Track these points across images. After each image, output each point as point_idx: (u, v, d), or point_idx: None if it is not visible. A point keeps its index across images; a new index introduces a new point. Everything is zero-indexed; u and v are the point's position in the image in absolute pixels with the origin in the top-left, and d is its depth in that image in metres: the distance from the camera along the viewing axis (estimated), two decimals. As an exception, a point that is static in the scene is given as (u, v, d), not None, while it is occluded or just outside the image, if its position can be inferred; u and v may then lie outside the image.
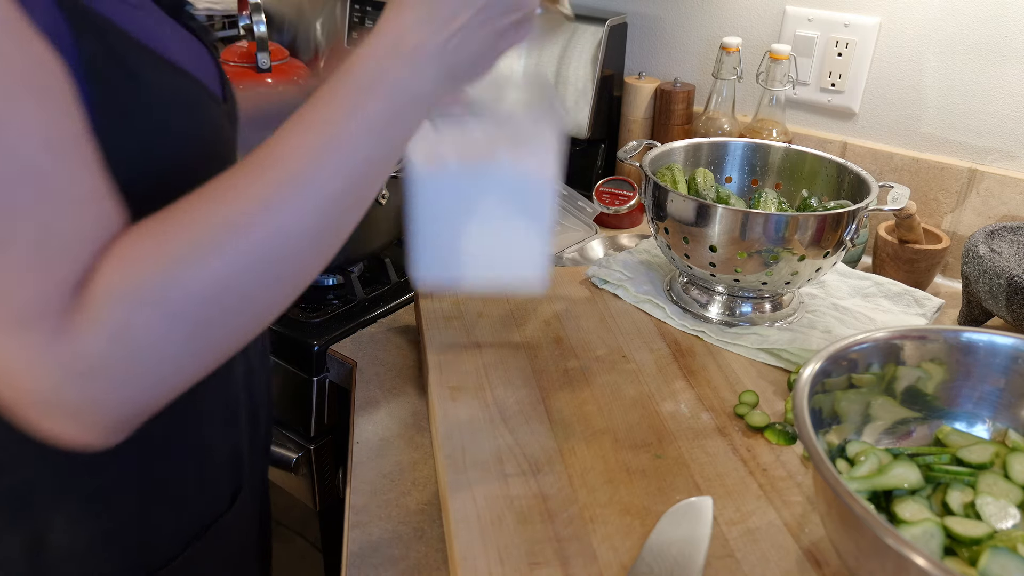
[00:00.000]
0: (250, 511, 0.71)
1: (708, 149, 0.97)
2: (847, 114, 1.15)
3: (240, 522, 0.68)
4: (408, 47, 0.48)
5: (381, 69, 0.47)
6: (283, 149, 0.45)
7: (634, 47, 1.32)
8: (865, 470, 0.56)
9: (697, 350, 0.83)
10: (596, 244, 1.15)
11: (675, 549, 0.57)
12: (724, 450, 0.68)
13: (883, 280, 0.97)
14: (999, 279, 0.82)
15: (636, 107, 1.26)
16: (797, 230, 0.78)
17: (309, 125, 0.46)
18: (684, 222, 0.82)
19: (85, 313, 0.40)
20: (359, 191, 0.47)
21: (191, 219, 0.43)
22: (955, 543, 0.51)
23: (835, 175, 0.91)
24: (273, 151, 0.45)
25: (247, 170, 0.45)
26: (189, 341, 0.42)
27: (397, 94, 0.47)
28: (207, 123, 0.55)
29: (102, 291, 0.40)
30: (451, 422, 0.70)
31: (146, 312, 0.40)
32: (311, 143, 0.45)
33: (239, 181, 0.44)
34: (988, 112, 1.04)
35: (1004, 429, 0.61)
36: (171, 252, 0.41)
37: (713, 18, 1.22)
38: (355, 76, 0.47)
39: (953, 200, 1.08)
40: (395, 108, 0.47)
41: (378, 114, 0.47)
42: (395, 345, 0.91)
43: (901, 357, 0.62)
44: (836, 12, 1.11)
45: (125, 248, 0.42)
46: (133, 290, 0.40)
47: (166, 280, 0.41)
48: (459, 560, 0.56)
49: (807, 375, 0.56)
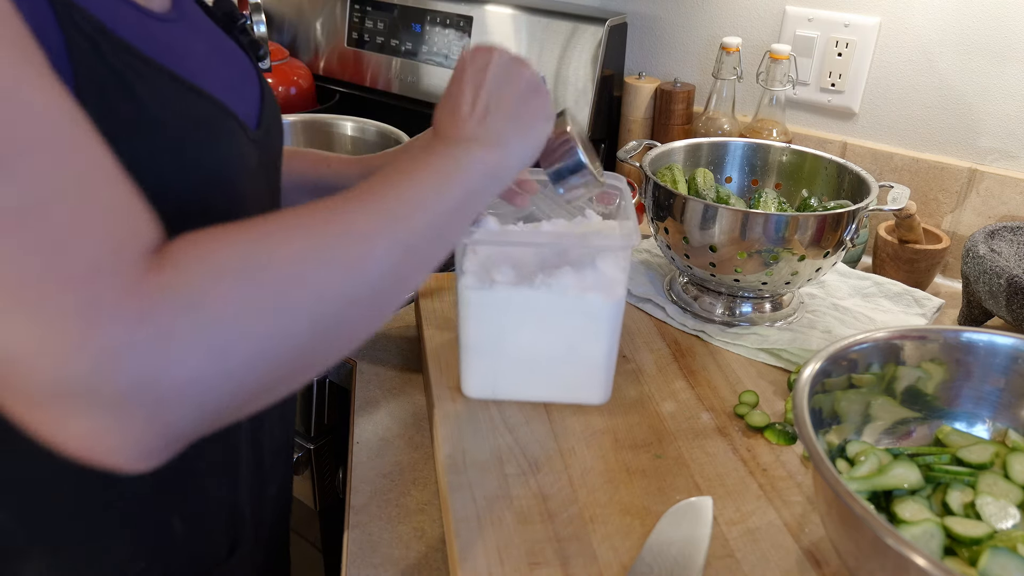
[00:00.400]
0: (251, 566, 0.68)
1: (708, 149, 0.97)
2: (847, 114, 1.15)
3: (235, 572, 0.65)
4: (451, 136, 0.53)
5: (443, 154, 0.51)
6: (382, 187, 0.47)
7: (634, 47, 1.32)
8: (865, 470, 0.56)
9: (697, 350, 0.83)
10: (596, 244, 1.15)
11: (675, 549, 0.57)
12: (724, 450, 0.68)
13: (883, 280, 0.97)
14: (999, 279, 0.82)
15: (636, 107, 1.26)
16: (797, 230, 0.78)
17: (399, 180, 0.48)
18: (684, 222, 0.82)
19: (161, 274, 0.35)
20: (447, 234, 0.50)
21: (283, 226, 0.42)
22: (955, 543, 0.51)
23: (835, 175, 0.91)
24: (369, 187, 0.47)
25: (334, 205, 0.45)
26: (265, 338, 0.38)
27: (467, 170, 0.51)
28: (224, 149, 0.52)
29: (182, 257, 0.37)
30: (451, 422, 0.70)
31: (229, 283, 0.37)
32: (407, 187, 0.47)
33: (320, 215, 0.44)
34: (988, 112, 1.04)
35: (1004, 429, 0.61)
36: (257, 234, 0.40)
37: (713, 18, 1.22)
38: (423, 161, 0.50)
39: (953, 200, 1.08)
40: (471, 185, 0.51)
41: (454, 193, 0.50)
42: (395, 345, 0.91)
43: (901, 357, 0.62)
44: (836, 12, 1.11)
45: (203, 234, 0.39)
46: (218, 260, 0.37)
47: (254, 252, 0.39)
48: (459, 560, 0.56)
49: (807, 375, 0.56)
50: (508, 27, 1.32)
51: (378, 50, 1.50)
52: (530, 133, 0.56)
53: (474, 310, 0.69)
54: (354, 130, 1.30)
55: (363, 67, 1.54)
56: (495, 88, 0.55)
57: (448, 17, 1.38)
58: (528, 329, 0.69)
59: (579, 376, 0.72)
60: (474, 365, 0.71)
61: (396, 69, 1.49)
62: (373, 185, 0.47)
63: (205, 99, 0.51)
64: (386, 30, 1.48)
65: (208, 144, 0.51)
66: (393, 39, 1.47)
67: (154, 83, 0.47)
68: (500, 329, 0.69)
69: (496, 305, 0.68)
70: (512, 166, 0.55)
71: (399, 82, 1.49)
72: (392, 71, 1.49)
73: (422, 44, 1.43)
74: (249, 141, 0.56)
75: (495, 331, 0.69)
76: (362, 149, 1.30)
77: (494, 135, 0.54)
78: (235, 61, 0.59)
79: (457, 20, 1.37)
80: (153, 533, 0.56)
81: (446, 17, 1.39)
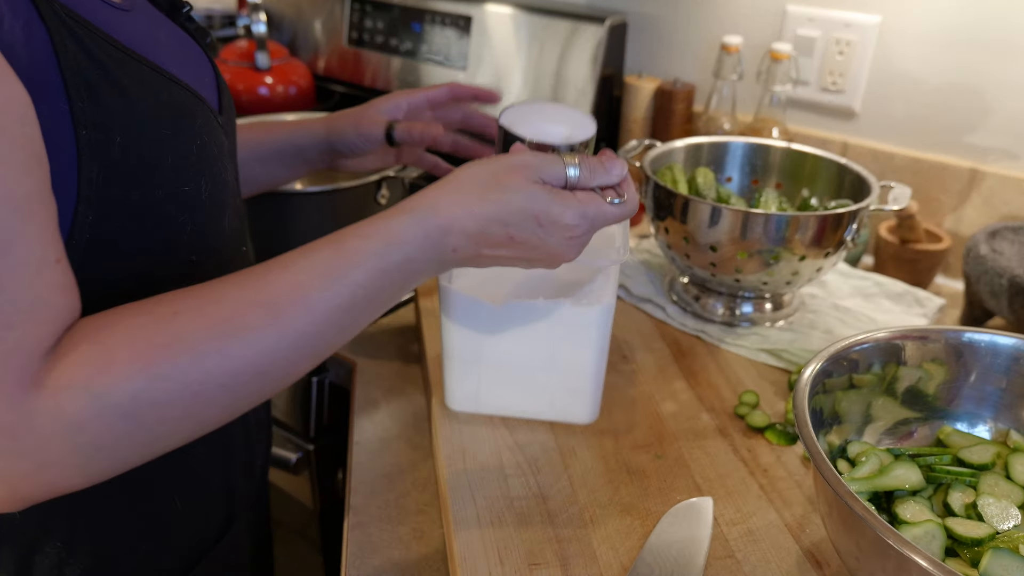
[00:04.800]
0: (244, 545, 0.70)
1: (708, 149, 0.97)
2: (848, 114, 1.15)
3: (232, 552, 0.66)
4: (445, 249, 0.50)
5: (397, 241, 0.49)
6: (279, 273, 0.46)
7: (634, 47, 1.32)
8: (866, 471, 0.56)
9: (697, 350, 0.83)
10: (596, 244, 1.15)
11: (675, 550, 0.57)
12: (725, 451, 0.68)
13: (884, 280, 0.96)
14: (1001, 279, 0.82)
15: (636, 107, 1.26)
16: (798, 230, 0.78)
17: (310, 261, 0.47)
18: (684, 222, 0.82)
19: (47, 391, 0.38)
20: (350, 319, 0.48)
21: (175, 322, 0.42)
22: (957, 544, 0.51)
23: (836, 175, 0.91)
24: (269, 272, 0.46)
25: (239, 282, 0.45)
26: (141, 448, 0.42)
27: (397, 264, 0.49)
28: (202, 136, 0.53)
29: (70, 376, 0.39)
30: (451, 422, 0.70)
31: (108, 418, 0.40)
32: (308, 275, 0.46)
33: (229, 293, 0.45)
34: (989, 112, 1.04)
35: (1006, 430, 0.61)
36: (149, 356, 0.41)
37: (713, 18, 1.22)
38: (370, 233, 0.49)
39: (954, 200, 1.07)
40: (394, 278, 0.49)
41: (372, 280, 0.48)
42: (395, 345, 0.90)
43: (902, 357, 0.61)
44: (837, 11, 1.10)
45: (103, 333, 0.41)
46: (105, 392, 0.39)
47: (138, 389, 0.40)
48: (459, 560, 0.56)
49: (808, 375, 0.55)
50: (508, 27, 1.32)
51: (378, 50, 1.50)
52: (500, 262, 0.54)
53: (457, 321, 0.66)
54: (354, 130, 1.30)
55: (363, 67, 1.54)
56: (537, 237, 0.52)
57: (448, 17, 1.38)
58: (513, 341, 0.66)
59: (566, 392, 0.68)
60: (456, 377, 0.69)
61: (396, 69, 1.48)
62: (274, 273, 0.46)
63: (181, 87, 0.52)
64: (386, 30, 1.48)
65: (188, 131, 0.52)
66: (393, 39, 1.47)
67: (136, 74, 0.47)
68: (484, 341, 0.67)
69: (480, 316, 0.65)
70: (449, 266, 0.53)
71: (399, 82, 1.48)
72: (392, 71, 1.49)
73: (422, 44, 1.43)
74: (218, 124, 0.57)
75: (479, 343, 0.67)
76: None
77: (469, 262, 0.52)
78: (188, 47, 0.59)
79: (457, 20, 1.37)
80: (156, 515, 0.57)
81: (446, 17, 1.39)
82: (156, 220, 0.49)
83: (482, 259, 0.52)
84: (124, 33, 0.48)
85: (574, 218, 0.51)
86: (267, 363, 0.44)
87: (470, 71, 1.38)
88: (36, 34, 0.41)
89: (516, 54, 1.32)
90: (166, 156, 0.49)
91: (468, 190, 0.50)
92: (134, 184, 0.47)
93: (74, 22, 0.44)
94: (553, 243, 0.52)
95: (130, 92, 0.46)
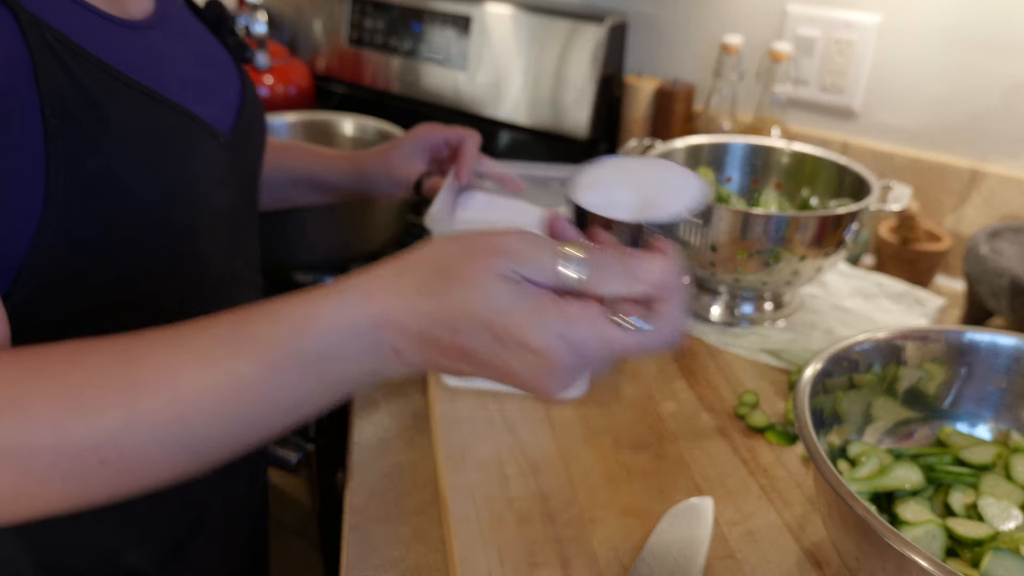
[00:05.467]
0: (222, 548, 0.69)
1: (708, 149, 0.97)
2: (848, 113, 1.15)
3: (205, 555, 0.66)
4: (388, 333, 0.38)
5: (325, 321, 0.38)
6: (158, 344, 0.38)
7: (634, 47, 1.32)
8: (866, 471, 0.56)
9: (697, 350, 0.83)
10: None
11: (676, 550, 0.56)
12: (725, 451, 0.68)
13: (885, 280, 0.96)
14: (1001, 279, 0.81)
15: (636, 107, 1.26)
16: (798, 230, 0.78)
17: (197, 337, 0.38)
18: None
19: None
20: (236, 420, 0.38)
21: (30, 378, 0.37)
22: (957, 544, 0.51)
23: (836, 175, 0.91)
24: (149, 342, 0.38)
25: (116, 346, 0.38)
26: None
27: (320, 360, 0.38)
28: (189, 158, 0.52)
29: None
30: (451, 422, 0.70)
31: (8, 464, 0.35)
32: (188, 354, 0.37)
33: (93, 358, 0.37)
34: (989, 112, 1.03)
35: (1006, 430, 0.61)
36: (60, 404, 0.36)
37: (713, 17, 1.22)
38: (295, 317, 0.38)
39: (955, 200, 1.07)
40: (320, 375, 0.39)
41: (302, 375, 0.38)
42: (395, 345, 0.90)
43: (903, 357, 0.61)
44: (837, 11, 1.10)
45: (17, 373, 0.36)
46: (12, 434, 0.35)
47: (56, 433, 0.35)
48: (459, 560, 0.56)
49: (808, 375, 0.55)
50: (508, 27, 1.32)
51: (378, 50, 1.50)
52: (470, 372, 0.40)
53: None
54: (353, 129, 1.30)
55: (363, 66, 1.54)
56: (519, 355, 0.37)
57: (448, 17, 1.38)
58: None
59: None
60: None
61: (396, 69, 1.48)
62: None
63: (171, 108, 0.51)
64: (386, 29, 1.48)
65: (174, 155, 0.51)
66: (393, 38, 1.47)
67: (120, 97, 0.47)
68: None
69: None
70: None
71: (399, 81, 1.48)
72: (392, 71, 1.49)
73: (422, 43, 1.43)
74: (219, 147, 0.56)
75: None
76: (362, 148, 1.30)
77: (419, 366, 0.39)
78: (215, 64, 0.59)
79: (457, 20, 1.37)
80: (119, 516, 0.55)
81: (446, 17, 1.39)
82: (124, 242, 0.49)
83: (443, 368, 0.39)
84: (120, 54, 0.48)
85: (544, 339, 0.36)
86: (111, 450, 0.36)
87: (470, 71, 1.37)
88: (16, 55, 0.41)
89: (516, 54, 1.31)
90: (142, 179, 0.48)
91: (414, 275, 0.38)
92: (104, 204, 0.47)
93: (59, 44, 0.44)
94: (517, 368, 0.37)
95: (110, 115, 0.46)
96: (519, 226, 0.40)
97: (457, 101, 1.41)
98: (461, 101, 1.40)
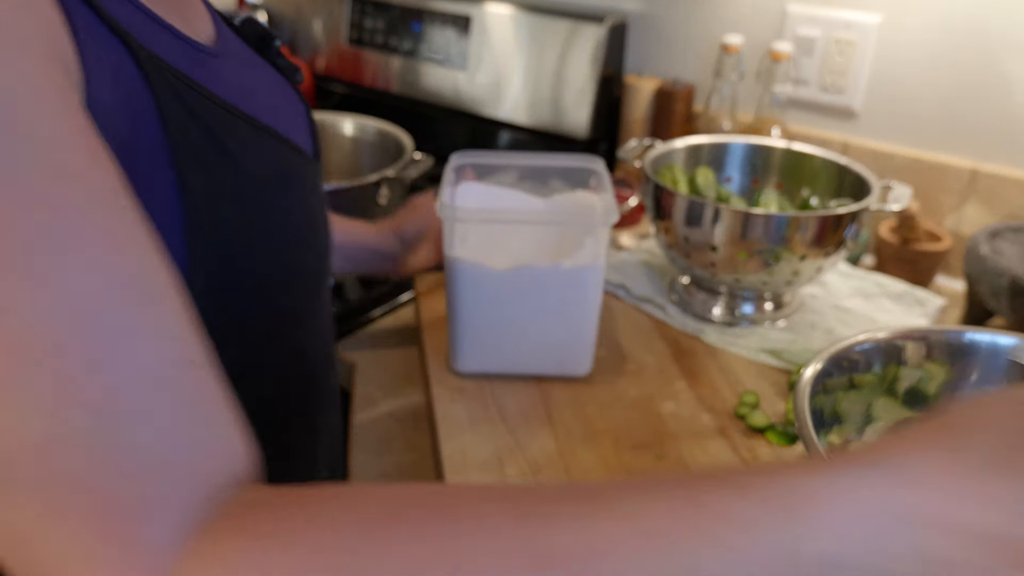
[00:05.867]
0: None
1: (708, 149, 0.97)
2: (848, 113, 1.15)
3: None
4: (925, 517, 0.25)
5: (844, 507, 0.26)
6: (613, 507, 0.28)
7: (634, 47, 1.32)
8: (867, 471, 0.56)
9: (698, 351, 0.83)
10: (596, 244, 1.14)
11: (676, 550, 0.56)
12: (725, 451, 0.68)
13: (885, 280, 0.96)
14: (1001, 279, 0.81)
15: (636, 107, 1.26)
16: (798, 230, 0.78)
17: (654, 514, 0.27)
18: (685, 222, 0.82)
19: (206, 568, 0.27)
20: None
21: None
22: (957, 544, 0.51)
23: (836, 175, 0.91)
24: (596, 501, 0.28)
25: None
26: None
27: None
28: (305, 191, 0.48)
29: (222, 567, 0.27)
30: (451, 422, 0.70)
31: None
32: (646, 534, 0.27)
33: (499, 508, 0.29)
34: (989, 112, 1.03)
35: (1006, 430, 0.61)
36: None
37: (713, 17, 1.22)
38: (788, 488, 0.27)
39: (955, 200, 1.07)
40: None
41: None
42: (395, 345, 0.90)
43: (903, 357, 0.61)
44: (837, 11, 1.10)
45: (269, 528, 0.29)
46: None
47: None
48: (459, 561, 0.56)
49: (808, 375, 0.55)
50: (508, 27, 1.32)
51: (378, 49, 1.50)
52: None
53: (463, 285, 0.71)
54: (353, 129, 1.30)
55: (363, 66, 1.54)
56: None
57: (448, 17, 1.38)
58: (514, 303, 0.71)
59: (563, 347, 0.74)
60: (466, 340, 0.73)
61: (396, 68, 1.48)
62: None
63: (281, 142, 0.46)
64: (386, 29, 1.48)
65: (293, 189, 0.46)
66: (393, 38, 1.47)
67: (237, 133, 0.42)
68: (490, 303, 0.72)
69: (485, 279, 0.70)
70: None
71: (399, 81, 1.48)
72: (392, 70, 1.49)
73: (422, 43, 1.43)
74: (317, 176, 0.52)
75: (485, 305, 0.72)
76: (362, 148, 1.30)
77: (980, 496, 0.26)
78: (280, 90, 0.54)
79: (457, 20, 1.37)
80: None
81: (446, 17, 1.38)
82: (260, 295, 0.44)
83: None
84: (223, 86, 0.43)
85: None
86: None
87: (470, 71, 1.37)
88: (140, 98, 0.36)
89: (516, 54, 1.31)
90: (275, 223, 0.44)
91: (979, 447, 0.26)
92: (241, 256, 0.42)
93: (177, 80, 0.38)
94: None
95: (237, 157, 0.41)
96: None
97: (457, 101, 1.41)
98: (461, 101, 1.40)
